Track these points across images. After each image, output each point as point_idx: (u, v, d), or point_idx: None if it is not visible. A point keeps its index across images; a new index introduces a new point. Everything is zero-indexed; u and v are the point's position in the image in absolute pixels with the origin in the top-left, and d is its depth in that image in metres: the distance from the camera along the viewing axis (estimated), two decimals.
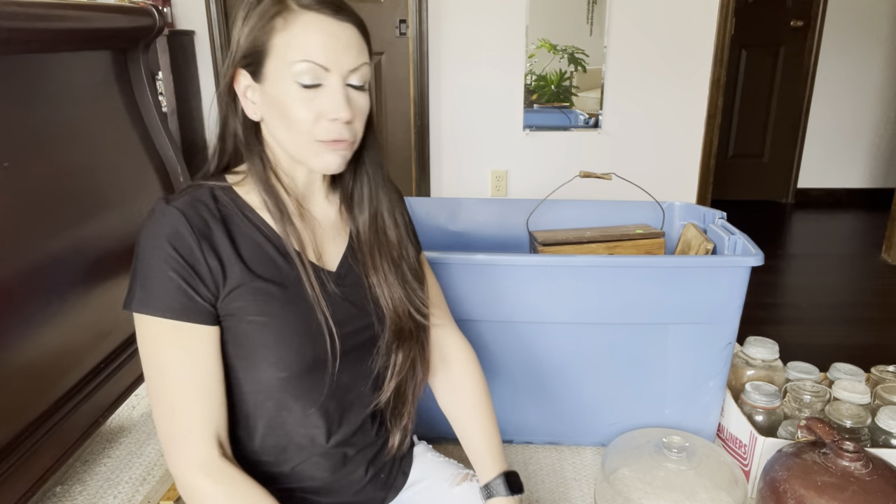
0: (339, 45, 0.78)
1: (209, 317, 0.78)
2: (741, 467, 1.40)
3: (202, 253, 0.77)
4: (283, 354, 0.82)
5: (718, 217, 1.65)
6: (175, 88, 2.55)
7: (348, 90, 0.80)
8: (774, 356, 1.53)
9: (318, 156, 0.81)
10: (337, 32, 0.78)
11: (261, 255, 0.83)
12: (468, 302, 1.39)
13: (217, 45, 2.75)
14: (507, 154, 2.96)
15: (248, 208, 0.84)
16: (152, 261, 0.76)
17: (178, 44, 2.62)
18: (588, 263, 1.38)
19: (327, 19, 0.78)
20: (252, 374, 0.83)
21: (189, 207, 0.79)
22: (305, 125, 0.79)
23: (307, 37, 0.77)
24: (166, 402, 0.78)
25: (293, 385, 0.85)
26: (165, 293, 0.76)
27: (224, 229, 0.81)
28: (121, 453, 1.53)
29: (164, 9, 2.65)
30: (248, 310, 0.80)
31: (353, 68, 0.79)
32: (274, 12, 0.78)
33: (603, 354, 1.45)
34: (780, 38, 3.80)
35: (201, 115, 2.84)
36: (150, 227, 0.78)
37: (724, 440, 1.51)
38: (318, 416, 0.88)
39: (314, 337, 0.84)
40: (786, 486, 1.09)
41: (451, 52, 2.82)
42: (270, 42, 0.78)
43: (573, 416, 1.53)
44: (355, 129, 0.82)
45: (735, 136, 4.00)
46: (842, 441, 1.09)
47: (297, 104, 0.78)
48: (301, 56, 0.77)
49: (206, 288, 0.78)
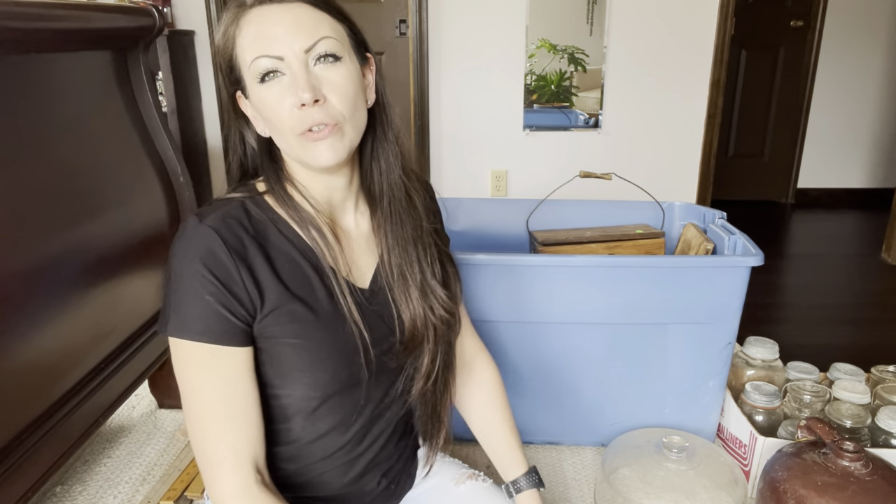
0: (288, 29, 0.73)
1: (245, 338, 0.76)
2: (741, 467, 1.40)
3: (239, 274, 0.74)
4: (318, 377, 0.81)
5: (718, 217, 1.65)
6: (175, 88, 2.55)
7: (318, 69, 0.74)
8: (774, 356, 1.53)
9: (306, 151, 0.76)
10: (283, 17, 0.73)
11: (297, 273, 0.80)
12: (468, 302, 1.39)
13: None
14: (507, 154, 2.96)
15: (282, 221, 0.81)
16: (187, 283, 0.73)
17: (179, 44, 2.62)
18: (588, 263, 1.38)
19: (271, 7, 0.74)
20: (282, 390, 0.82)
21: (223, 225, 0.75)
22: (282, 121, 0.75)
23: (255, 32, 0.74)
24: (200, 426, 0.75)
25: (325, 403, 0.83)
26: (201, 317, 0.73)
27: (259, 247, 0.77)
28: (121, 453, 1.53)
29: (164, 9, 2.65)
30: (284, 332, 0.78)
31: (309, 46, 0.73)
32: (229, 23, 0.76)
33: (603, 354, 1.45)
34: (780, 39, 3.80)
35: (202, 115, 2.84)
36: (183, 247, 0.74)
37: (724, 440, 1.51)
38: (345, 430, 0.87)
39: (350, 357, 0.82)
40: (786, 486, 1.09)
41: (451, 52, 2.81)
42: (234, 53, 0.76)
43: (573, 416, 1.53)
44: (333, 109, 0.75)
45: (735, 136, 4.00)
46: (842, 441, 1.09)
47: (268, 103, 0.75)
48: (254, 53, 0.73)
49: (244, 309, 0.75)
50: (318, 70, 0.74)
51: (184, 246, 0.74)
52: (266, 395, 0.82)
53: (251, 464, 0.76)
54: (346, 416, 0.86)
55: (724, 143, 3.96)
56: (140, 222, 1.41)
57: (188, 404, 0.76)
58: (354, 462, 0.90)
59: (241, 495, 0.74)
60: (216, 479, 0.74)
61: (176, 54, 2.58)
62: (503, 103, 2.88)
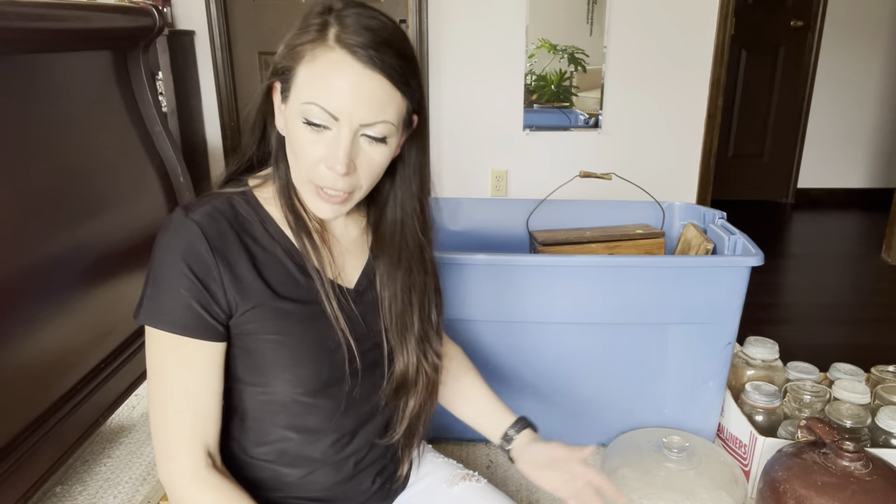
0: (358, 98, 0.71)
1: (217, 334, 0.77)
2: (741, 467, 1.40)
3: (218, 271, 0.75)
4: (299, 373, 0.81)
5: (718, 217, 1.65)
6: (175, 88, 2.55)
7: (361, 140, 0.74)
8: (774, 356, 1.53)
9: (311, 197, 0.78)
10: (361, 82, 0.71)
11: (281, 273, 0.81)
12: (468, 302, 1.39)
13: (217, 45, 2.75)
14: (507, 154, 2.96)
15: (270, 220, 0.82)
16: (165, 275, 0.74)
17: (179, 44, 2.62)
18: (588, 263, 1.38)
19: (356, 65, 0.71)
20: (265, 388, 0.82)
21: (208, 220, 0.76)
22: (305, 163, 0.75)
23: (326, 79, 0.71)
24: (161, 410, 0.78)
25: (308, 401, 0.84)
26: (174, 309, 0.74)
27: (243, 245, 0.78)
28: (121, 453, 1.53)
29: (164, 9, 2.65)
30: (265, 328, 0.79)
31: (368, 123, 0.73)
32: (308, 39, 0.73)
33: (603, 354, 1.45)
34: (780, 39, 3.80)
35: (202, 115, 2.84)
36: (166, 239, 0.76)
37: (724, 440, 1.51)
38: (331, 429, 0.88)
39: (331, 355, 0.83)
40: (786, 486, 1.09)
41: (450, 52, 2.81)
42: (297, 68, 0.74)
43: (573, 416, 1.53)
44: (357, 183, 0.77)
45: (735, 137, 4.00)
46: (842, 441, 1.09)
47: (302, 140, 0.74)
48: (313, 97, 0.72)
49: (219, 307, 0.76)
50: (361, 142, 0.75)
51: (167, 237, 0.76)
52: (248, 392, 0.83)
53: (202, 448, 0.79)
54: (331, 414, 0.86)
55: (724, 144, 3.96)
56: (140, 222, 1.41)
57: (152, 389, 0.78)
58: (345, 461, 0.90)
59: (193, 475, 0.77)
60: (169, 458, 0.78)
61: (176, 54, 2.58)
62: (503, 103, 2.88)
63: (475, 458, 1.48)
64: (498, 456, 1.52)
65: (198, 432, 0.78)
